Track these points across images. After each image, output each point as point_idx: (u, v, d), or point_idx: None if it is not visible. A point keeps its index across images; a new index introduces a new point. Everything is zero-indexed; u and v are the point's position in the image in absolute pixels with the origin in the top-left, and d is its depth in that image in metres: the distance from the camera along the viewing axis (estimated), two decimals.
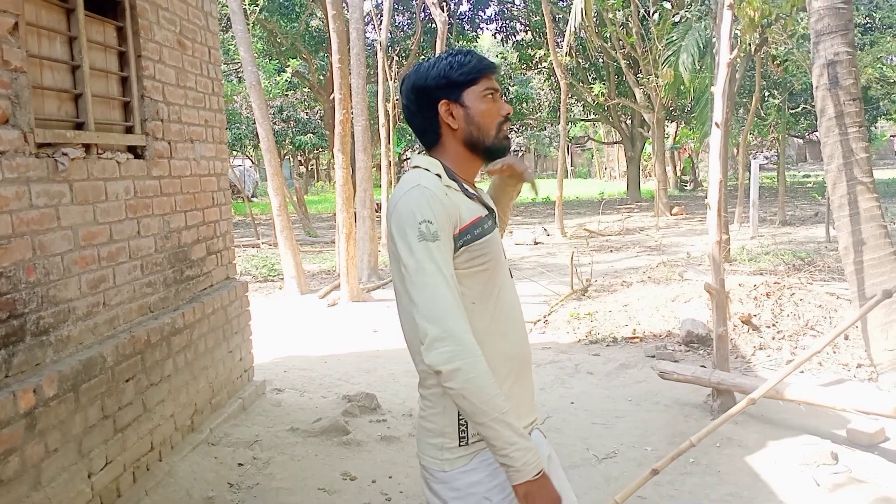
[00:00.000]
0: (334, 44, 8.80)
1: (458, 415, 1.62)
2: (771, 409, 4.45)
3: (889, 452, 3.81)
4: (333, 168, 12.53)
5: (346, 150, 9.06)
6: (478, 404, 1.50)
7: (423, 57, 23.99)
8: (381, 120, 14.12)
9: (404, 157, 46.89)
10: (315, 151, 29.24)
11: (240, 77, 19.63)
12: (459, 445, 1.64)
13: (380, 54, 14.03)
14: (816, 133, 26.84)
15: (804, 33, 12.19)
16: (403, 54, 23.25)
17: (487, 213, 1.74)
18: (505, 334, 1.70)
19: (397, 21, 23.73)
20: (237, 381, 4.75)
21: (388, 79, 14.80)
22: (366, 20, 14.04)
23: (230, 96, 18.24)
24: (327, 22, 10.72)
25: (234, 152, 23.18)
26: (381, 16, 14.80)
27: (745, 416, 4.43)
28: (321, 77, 22.65)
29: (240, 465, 3.82)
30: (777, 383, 3.25)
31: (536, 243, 13.99)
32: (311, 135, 21.93)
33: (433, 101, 1.71)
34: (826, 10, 5.00)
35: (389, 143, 14.55)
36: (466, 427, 1.63)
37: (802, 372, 5.30)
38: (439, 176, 1.67)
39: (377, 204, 12.65)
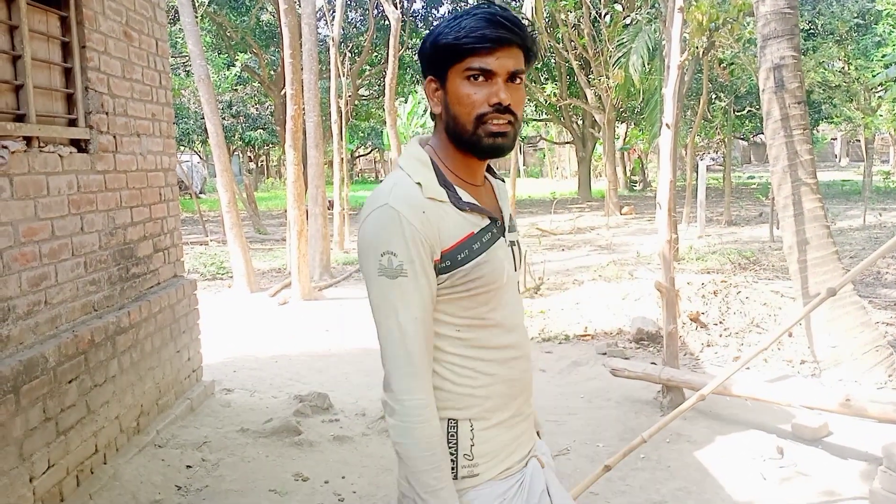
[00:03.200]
0: (286, 39, 8.67)
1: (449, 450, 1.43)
2: (719, 404, 4.55)
3: (832, 446, 3.93)
4: (284, 164, 12.39)
5: (297, 146, 8.94)
6: (409, 467, 1.37)
7: (375, 54, 23.97)
8: (334, 116, 14.00)
9: (357, 154, 46.61)
10: (265, 147, 28.85)
11: (188, 71, 19.25)
12: (455, 478, 1.44)
13: (332, 50, 13.90)
14: (761, 135, 27.49)
15: (750, 38, 12.52)
16: (356, 51, 23.09)
17: (489, 222, 1.45)
18: (501, 362, 1.47)
19: (350, 17, 23.55)
20: (185, 381, 4.64)
21: (341, 75, 14.67)
22: (318, 15, 13.91)
23: (178, 90, 17.83)
24: (278, 16, 10.56)
25: (182, 147, 22.69)
26: (334, 11, 14.65)
27: (695, 412, 4.51)
28: (272, 72, 22.35)
29: (188, 467, 3.72)
30: (725, 380, 3.32)
31: None
32: (261, 130, 21.61)
33: (424, 75, 1.43)
34: (773, 14, 5.13)
35: (342, 139, 14.44)
36: (457, 463, 1.44)
37: (749, 368, 5.43)
38: (420, 184, 1.38)
39: (329, 201, 12.52)
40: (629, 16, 16.02)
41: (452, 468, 1.43)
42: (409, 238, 1.33)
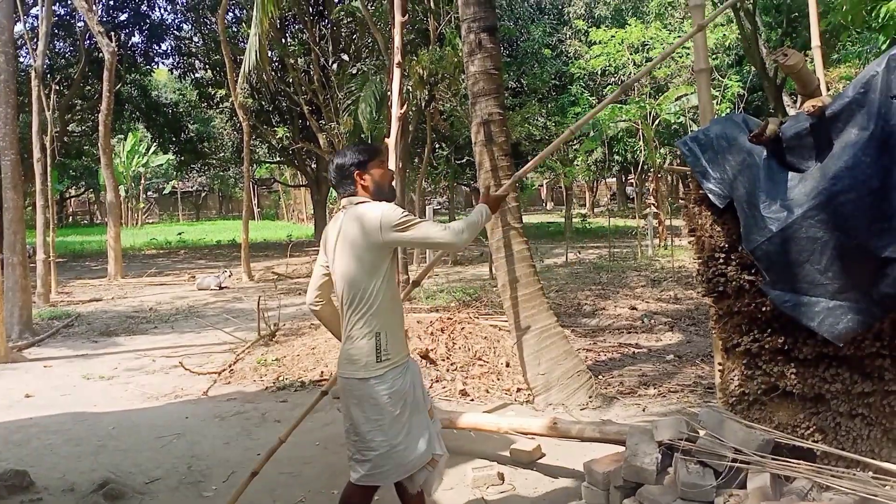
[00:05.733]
0: None
1: (376, 347, 2.84)
2: (447, 437, 4.75)
3: (545, 467, 4.32)
4: None
5: None
6: (474, 227, 3.07)
7: (88, 88, 21.98)
8: (36, 154, 12.53)
9: (68, 195, 42.01)
10: None
11: None
12: (377, 362, 2.84)
13: (34, 81, 12.49)
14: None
15: (466, 93, 13.66)
16: (65, 83, 21.00)
17: None
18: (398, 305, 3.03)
19: (58, 47, 21.40)
20: None
21: (45, 109, 13.20)
22: (18, 44, 12.43)
23: None
24: None
25: None
26: (37, 40, 13.22)
27: None
28: None
29: None
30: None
31: (221, 288, 13.43)
32: None
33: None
34: (481, 74, 5.66)
35: (47, 179, 12.94)
36: (380, 354, 2.84)
37: (472, 400, 5.80)
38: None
39: (31, 248, 11.10)
40: (356, 65, 16.59)
41: (377, 357, 2.83)
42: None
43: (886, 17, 6.54)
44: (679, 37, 15.34)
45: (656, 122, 17.28)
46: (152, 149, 37.82)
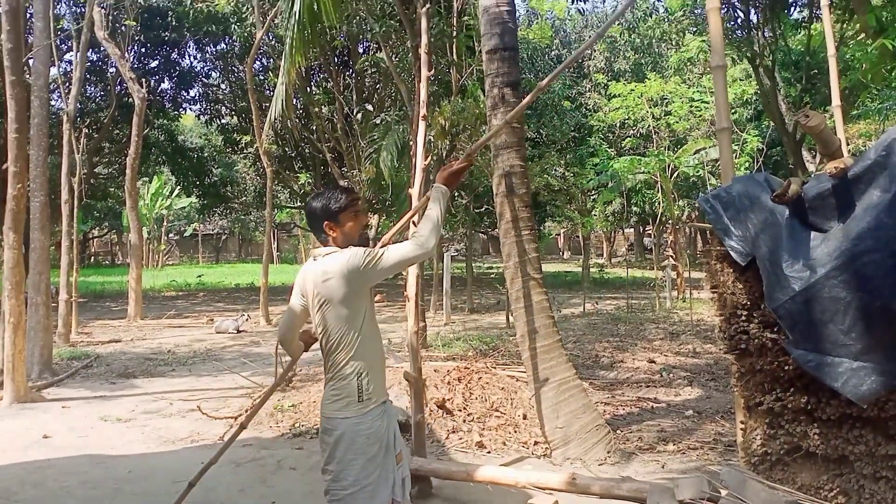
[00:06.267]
0: (11, 112, 7.85)
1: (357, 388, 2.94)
2: (464, 490, 4.73)
3: None
4: None
5: (18, 228, 8.00)
6: (437, 222, 3.08)
7: (116, 132, 22.52)
8: (65, 196, 12.80)
9: (91, 236, 42.68)
10: None
11: None
12: (359, 402, 2.94)
13: (65, 125, 12.83)
14: (497, 230, 30.08)
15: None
16: (94, 126, 21.53)
17: None
18: (378, 348, 3.09)
19: (89, 91, 22.00)
20: None
21: (75, 151, 13.53)
22: (51, 87, 12.83)
23: None
24: (3, 87, 9.53)
25: None
26: (70, 84, 13.63)
27: (441, 500, 4.66)
28: None
29: None
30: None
31: (239, 332, 13.49)
32: None
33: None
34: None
35: (73, 220, 13.19)
36: (362, 394, 2.93)
37: (489, 452, 5.74)
38: None
39: (54, 288, 11.25)
40: (379, 116, 16.90)
41: (359, 397, 2.93)
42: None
43: None
44: (699, 91, 15.53)
45: (675, 174, 17.35)
46: (176, 192, 38.44)
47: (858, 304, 2.74)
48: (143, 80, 17.57)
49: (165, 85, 23.40)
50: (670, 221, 19.12)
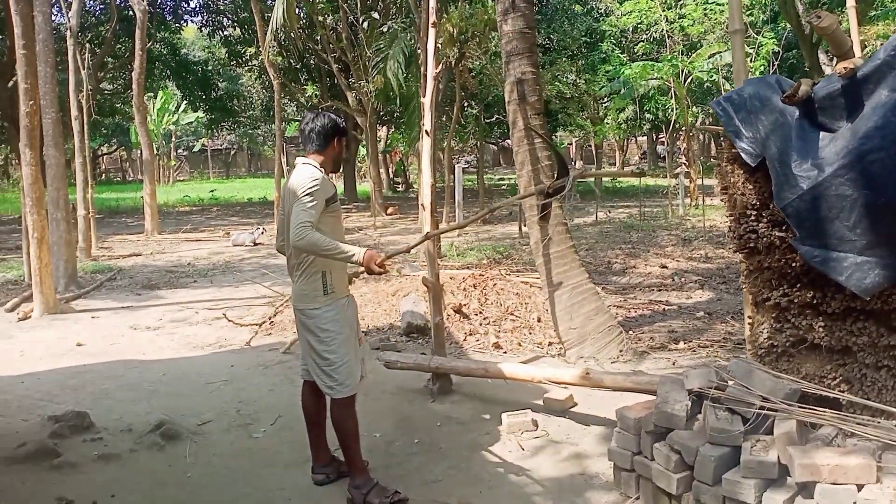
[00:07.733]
0: (18, 28, 7.80)
1: (323, 283, 3.38)
2: (481, 387, 4.98)
3: (577, 415, 4.50)
4: (12, 165, 11.07)
5: (34, 144, 8.09)
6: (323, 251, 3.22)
7: (119, 46, 22.15)
8: (74, 112, 12.81)
9: (100, 153, 42.65)
10: None
11: None
12: (325, 295, 3.40)
13: (70, 41, 12.69)
14: (509, 140, 29.72)
15: (496, 50, 13.60)
16: (96, 41, 21.21)
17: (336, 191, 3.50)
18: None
19: (88, 5, 21.54)
20: None
21: (81, 68, 13.43)
22: (52, 2, 12.61)
23: None
24: (6, 4, 9.39)
25: None
26: None
27: (461, 396, 4.92)
28: None
29: None
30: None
31: (256, 244, 13.73)
32: None
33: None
34: (514, 33, 5.70)
35: (84, 137, 13.24)
36: (326, 289, 3.38)
37: (506, 352, 5.99)
38: (322, 170, 3.41)
39: (71, 205, 11.43)
40: (385, 23, 16.53)
41: (325, 291, 3.38)
42: (322, 184, 3.31)
43: None
44: None
45: (689, 80, 17.05)
46: (182, 107, 38.10)
47: (864, 202, 2.83)
48: None
49: None
50: (684, 128, 18.92)
